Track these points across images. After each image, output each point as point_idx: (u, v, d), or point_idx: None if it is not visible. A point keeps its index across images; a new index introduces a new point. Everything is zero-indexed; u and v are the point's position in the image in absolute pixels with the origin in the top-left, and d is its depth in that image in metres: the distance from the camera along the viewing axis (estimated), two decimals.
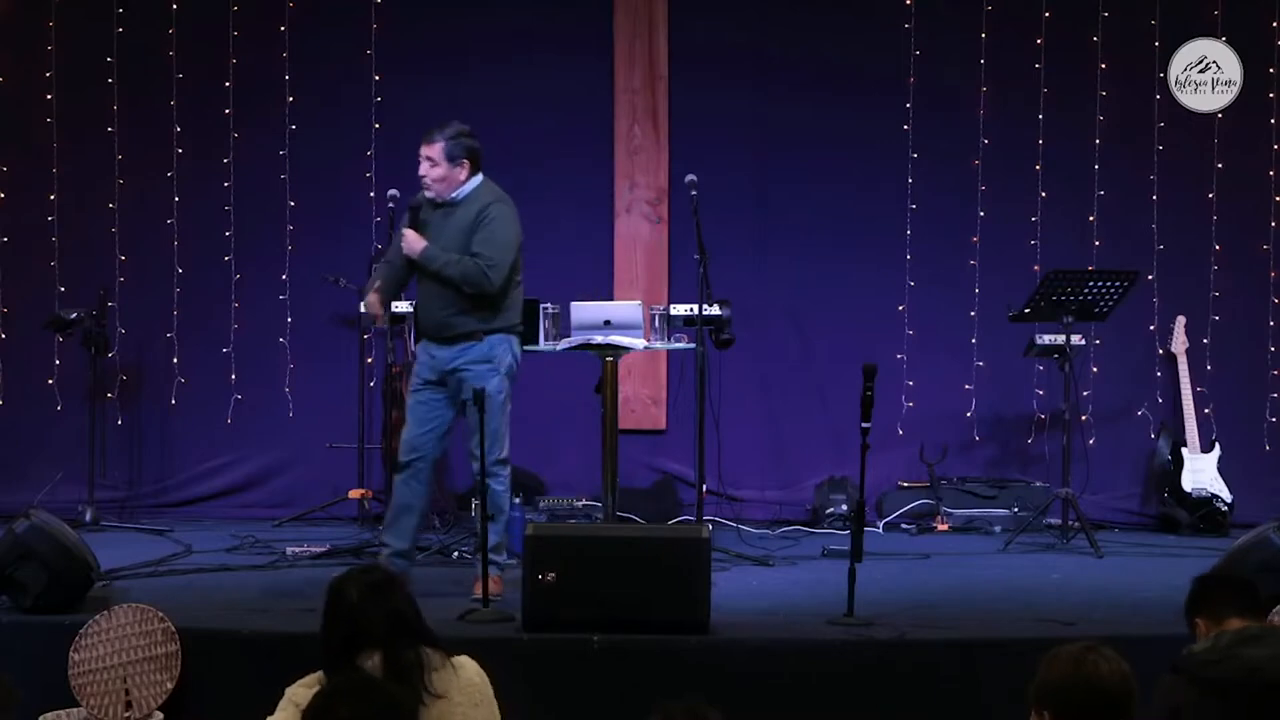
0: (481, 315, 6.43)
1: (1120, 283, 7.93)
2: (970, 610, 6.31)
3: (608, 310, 6.99)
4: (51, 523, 6.07)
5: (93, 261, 8.77)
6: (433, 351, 6.48)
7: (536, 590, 5.61)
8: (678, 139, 8.81)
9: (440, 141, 6.44)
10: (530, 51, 8.84)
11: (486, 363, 6.41)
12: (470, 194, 6.48)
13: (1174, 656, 3.79)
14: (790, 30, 8.86)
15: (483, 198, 6.49)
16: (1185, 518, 8.39)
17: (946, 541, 8.17)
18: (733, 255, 8.22)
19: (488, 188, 6.53)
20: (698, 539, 5.72)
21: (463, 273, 6.38)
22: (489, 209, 6.45)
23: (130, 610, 5.57)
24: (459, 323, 6.42)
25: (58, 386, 8.79)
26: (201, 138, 8.79)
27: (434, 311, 6.48)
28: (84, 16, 8.79)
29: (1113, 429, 8.82)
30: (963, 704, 5.53)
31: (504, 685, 4.19)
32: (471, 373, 6.38)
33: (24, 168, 8.86)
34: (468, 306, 6.40)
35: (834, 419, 8.59)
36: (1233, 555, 6.05)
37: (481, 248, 6.40)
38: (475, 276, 6.37)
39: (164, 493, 8.84)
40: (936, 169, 8.80)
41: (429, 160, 6.46)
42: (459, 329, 6.42)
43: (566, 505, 8.18)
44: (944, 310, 8.80)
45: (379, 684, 3.62)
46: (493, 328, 6.43)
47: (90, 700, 5.44)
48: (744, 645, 5.62)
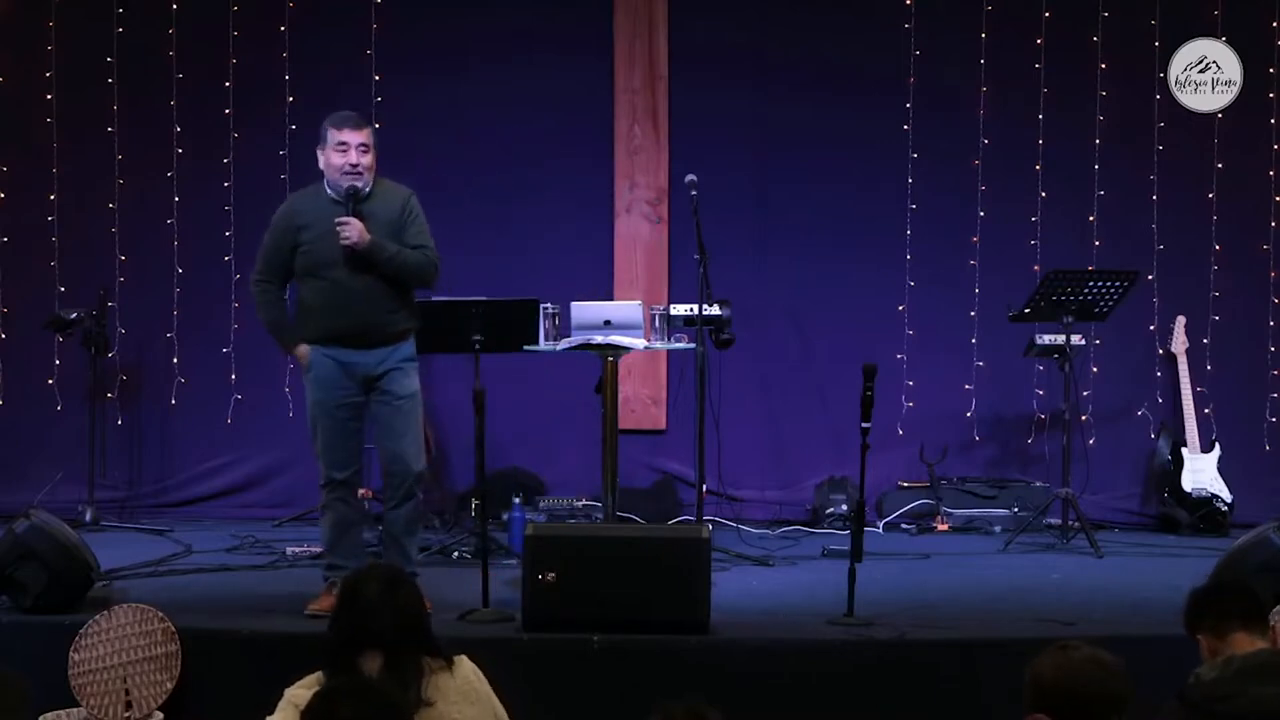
0: (410, 312, 6.23)
1: (1120, 283, 7.94)
2: (970, 610, 6.31)
3: (608, 310, 6.99)
4: (51, 523, 6.07)
5: (93, 261, 8.77)
6: (351, 358, 6.13)
7: (536, 590, 5.61)
8: (678, 139, 8.81)
9: (369, 127, 6.23)
10: (530, 51, 8.84)
11: (412, 361, 6.22)
12: (378, 186, 6.23)
13: (1183, 669, 3.77)
14: (790, 30, 8.86)
15: (398, 190, 6.27)
16: (1185, 518, 8.39)
17: (946, 541, 8.17)
18: (733, 255, 8.21)
19: (386, 180, 6.31)
20: (698, 539, 5.72)
21: (418, 264, 6.15)
22: (411, 201, 6.24)
23: (130, 610, 5.57)
24: (395, 321, 6.17)
25: (58, 386, 8.79)
26: (201, 138, 8.79)
27: (365, 312, 6.11)
28: (84, 16, 8.79)
29: (1113, 429, 8.82)
30: (963, 704, 5.53)
31: (504, 685, 4.20)
32: (402, 371, 6.15)
33: (24, 168, 8.86)
34: (402, 304, 6.18)
35: (834, 419, 8.59)
36: (1232, 555, 6.04)
37: (420, 240, 6.20)
38: (428, 269, 6.18)
39: (164, 493, 8.84)
40: (936, 169, 8.80)
41: (363, 147, 6.14)
42: (395, 328, 6.17)
43: (566, 505, 8.18)
44: (944, 310, 8.80)
45: (378, 685, 3.63)
46: (412, 325, 6.25)
47: (90, 700, 5.44)
48: (744, 645, 5.62)
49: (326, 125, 6.21)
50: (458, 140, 8.85)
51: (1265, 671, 3.68)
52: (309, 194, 6.32)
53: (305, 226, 6.17)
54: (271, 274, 6.23)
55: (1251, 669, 3.70)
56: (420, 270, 6.18)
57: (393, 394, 6.16)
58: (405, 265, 6.13)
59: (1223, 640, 4.05)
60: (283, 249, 6.21)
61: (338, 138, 6.15)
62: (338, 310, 6.11)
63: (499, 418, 7.53)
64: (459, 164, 8.81)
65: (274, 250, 6.23)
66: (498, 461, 8.31)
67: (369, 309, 6.11)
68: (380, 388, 6.15)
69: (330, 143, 6.17)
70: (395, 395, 6.16)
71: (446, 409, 8.53)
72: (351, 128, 6.16)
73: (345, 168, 6.13)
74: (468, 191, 8.76)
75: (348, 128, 6.16)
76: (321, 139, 6.22)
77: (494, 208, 8.72)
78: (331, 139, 6.16)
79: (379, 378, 6.15)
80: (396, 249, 6.12)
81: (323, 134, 6.21)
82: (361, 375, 6.14)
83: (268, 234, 6.30)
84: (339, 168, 6.15)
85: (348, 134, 6.14)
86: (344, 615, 4.00)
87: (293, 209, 6.29)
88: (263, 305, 6.28)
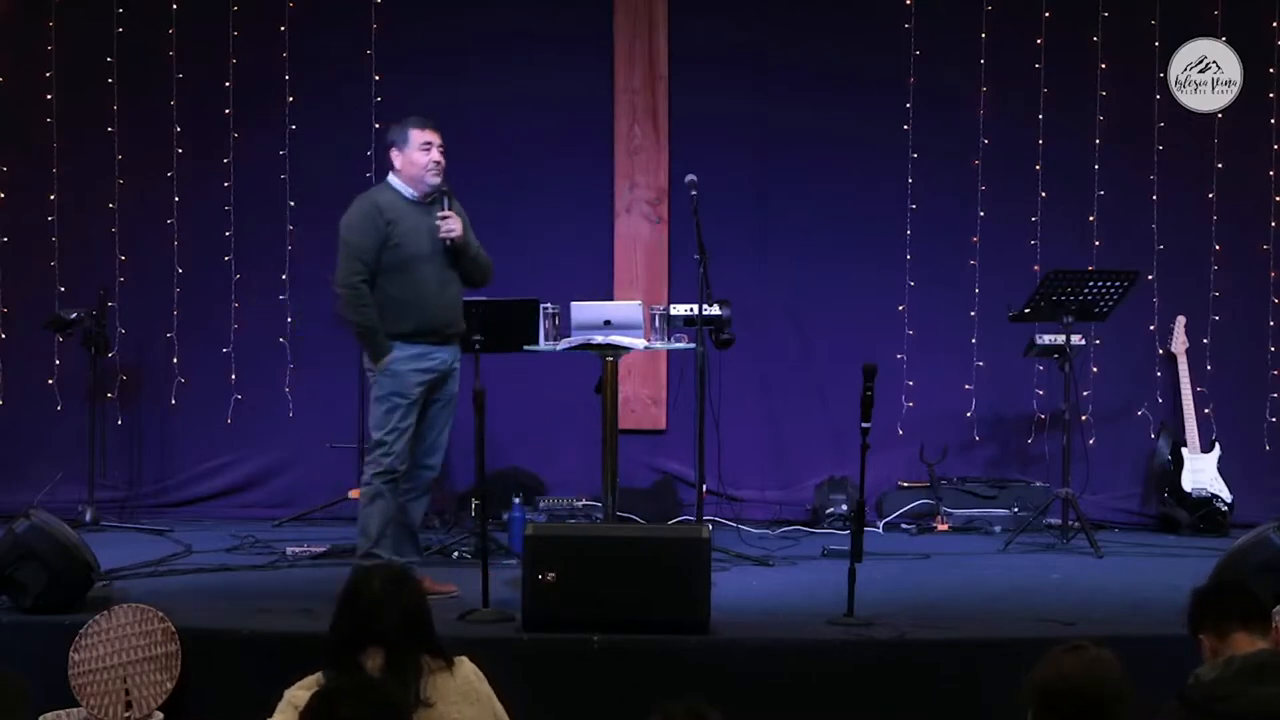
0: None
1: (1120, 283, 7.93)
2: (970, 610, 6.31)
3: (608, 310, 6.99)
4: (51, 523, 6.07)
5: (93, 261, 8.77)
6: (434, 354, 6.40)
7: (536, 590, 5.61)
8: (678, 139, 8.81)
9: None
10: (530, 51, 8.84)
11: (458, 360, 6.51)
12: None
13: (1183, 669, 3.77)
14: (790, 30, 8.86)
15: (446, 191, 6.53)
16: (1185, 518, 8.39)
17: (946, 541, 8.17)
18: (733, 255, 8.21)
19: None
20: (698, 539, 5.72)
21: (489, 262, 6.51)
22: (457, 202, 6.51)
23: (130, 610, 5.57)
24: (462, 320, 6.48)
25: (58, 386, 8.79)
26: (201, 138, 8.79)
27: (447, 309, 6.42)
28: (84, 16, 8.78)
29: (1113, 429, 8.82)
30: (963, 704, 5.53)
31: (504, 685, 4.20)
32: (458, 371, 6.43)
33: (24, 168, 8.86)
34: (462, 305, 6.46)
35: (834, 419, 8.59)
36: (1232, 555, 6.04)
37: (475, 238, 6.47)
38: (490, 268, 6.53)
39: (164, 493, 8.84)
40: (936, 169, 8.80)
41: (442, 147, 6.48)
42: (462, 326, 6.48)
43: (566, 505, 8.18)
44: (944, 310, 8.80)
45: (377, 685, 3.63)
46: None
47: (90, 700, 5.45)
48: (744, 645, 5.62)
49: (408, 127, 6.45)
50: (458, 140, 8.74)
51: (1265, 672, 3.68)
52: (383, 193, 6.51)
53: (393, 222, 6.38)
54: (368, 271, 6.35)
55: (1252, 669, 3.70)
56: (489, 268, 6.53)
57: (453, 392, 6.48)
58: (482, 261, 6.48)
59: (1224, 640, 4.05)
60: (375, 245, 6.36)
61: (423, 137, 6.42)
62: (424, 305, 6.35)
63: (499, 418, 7.53)
64: (459, 164, 8.73)
65: (367, 248, 6.36)
66: (498, 461, 8.31)
67: (450, 306, 6.43)
68: (445, 384, 6.42)
69: (414, 143, 6.42)
70: (454, 393, 6.47)
71: None
72: (433, 128, 6.46)
73: (430, 165, 6.42)
74: (468, 191, 8.67)
75: (430, 128, 6.44)
76: (400, 140, 6.45)
77: (494, 208, 8.68)
78: (415, 140, 6.42)
79: (448, 374, 6.43)
80: (478, 244, 6.48)
81: (403, 135, 6.45)
82: (435, 371, 6.38)
83: (352, 234, 6.39)
84: (424, 165, 6.42)
85: (431, 134, 6.43)
86: (348, 612, 4.00)
87: (376, 205, 6.44)
88: (360, 307, 6.36)
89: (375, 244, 6.34)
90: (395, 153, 6.48)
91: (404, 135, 6.45)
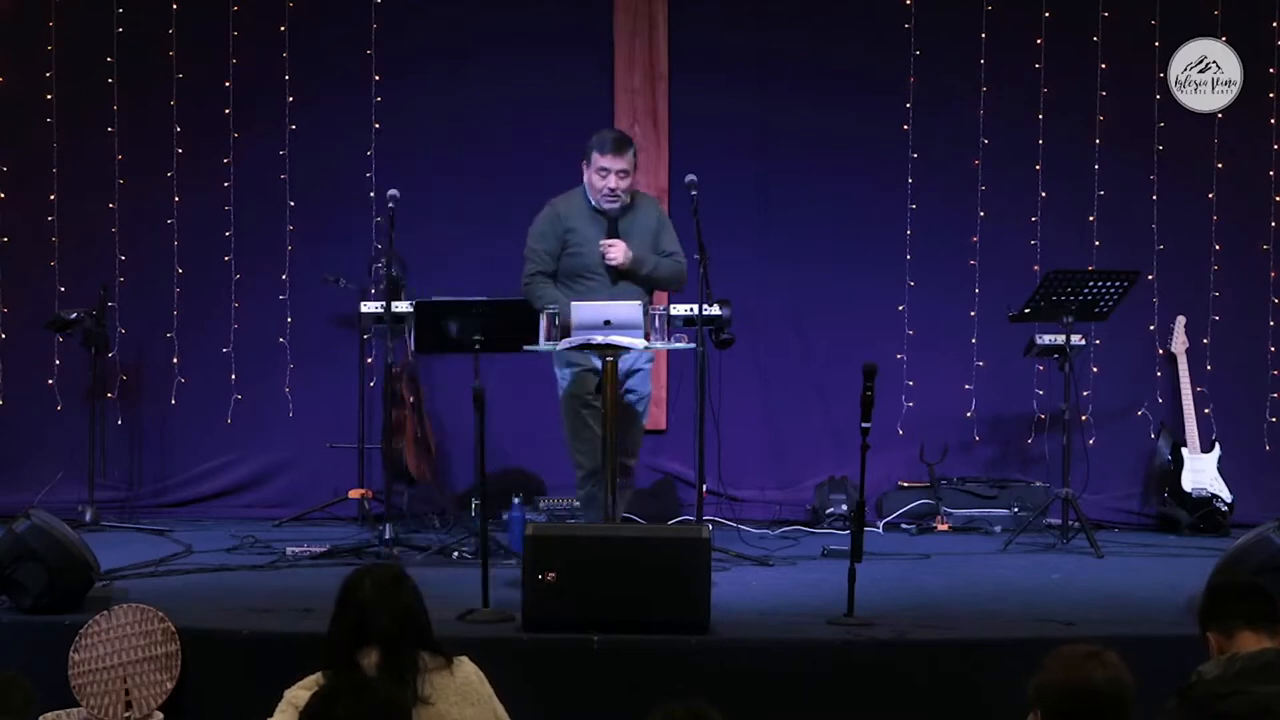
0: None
1: (1120, 283, 7.93)
2: (970, 610, 6.31)
3: (608, 310, 6.98)
4: (51, 523, 6.06)
5: (93, 261, 8.77)
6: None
7: (536, 590, 5.61)
8: (678, 139, 8.81)
9: (630, 151, 6.70)
10: (530, 51, 8.84)
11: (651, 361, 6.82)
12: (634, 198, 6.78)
13: (1183, 669, 3.77)
14: (790, 30, 8.86)
15: (649, 199, 6.83)
16: (1185, 518, 8.39)
17: (946, 541, 8.17)
18: (733, 255, 8.21)
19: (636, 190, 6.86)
20: (698, 539, 5.71)
21: (671, 272, 6.73)
22: (661, 208, 6.78)
23: (130, 610, 5.57)
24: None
25: (58, 386, 8.79)
26: (201, 138, 8.79)
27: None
28: (84, 17, 8.78)
29: (1113, 429, 8.82)
30: (963, 704, 5.53)
31: (504, 685, 4.20)
32: (644, 372, 6.73)
33: (24, 168, 8.86)
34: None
35: (834, 419, 8.59)
36: (1233, 555, 6.03)
37: (673, 245, 6.76)
38: (680, 274, 6.76)
39: (164, 493, 8.84)
40: (936, 169, 8.80)
41: (622, 172, 6.65)
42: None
43: (566, 505, 8.17)
44: (944, 310, 8.80)
45: (376, 684, 3.63)
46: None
47: (90, 700, 5.45)
48: (744, 645, 5.62)
49: (592, 146, 6.71)
50: (458, 140, 8.85)
51: (1267, 671, 3.68)
52: (573, 198, 6.77)
53: (572, 229, 6.66)
54: (545, 269, 6.67)
55: (1253, 668, 3.70)
56: (674, 277, 6.77)
57: (636, 392, 6.72)
58: (659, 275, 6.74)
59: (1230, 638, 4.05)
60: (554, 249, 6.70)
61: (600, 163, 6.65)
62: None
63: (499, 418, 7.52)
64: (459, 164, 8.81)
65: (546, 252, 6.71)
66: (498, 461, 8.31)
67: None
68: (627, 386, 6.64)
69: (593, 165, 6.67)
70: (639, 394, 6.70)
71: (446, 409, 8.54)
72: (614, 153, 6.63)
73: (605, 191, 6.65)
74: (468, 191, 8.76)
75: (610, 153, 6.62)
76: (586, 155, 6.71)
77: (494, 207, 8.72)
78: (595, 162, 6.66)
79: (627, 376, 6.63)
80: (655, 262, 6.70)
81: (588, 151, 6.71)
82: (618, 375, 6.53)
83: (534, 238, 6.77)
84: (598, 190, 6.68)
85: (609, 160, 6.62)
86: (342, 611, 4.02)
87: (557, 211, 6.75)
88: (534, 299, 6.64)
89: (549, 248, 6.71)
90: (584, 165, 6.76)
91: (589, 154, 6.73)
